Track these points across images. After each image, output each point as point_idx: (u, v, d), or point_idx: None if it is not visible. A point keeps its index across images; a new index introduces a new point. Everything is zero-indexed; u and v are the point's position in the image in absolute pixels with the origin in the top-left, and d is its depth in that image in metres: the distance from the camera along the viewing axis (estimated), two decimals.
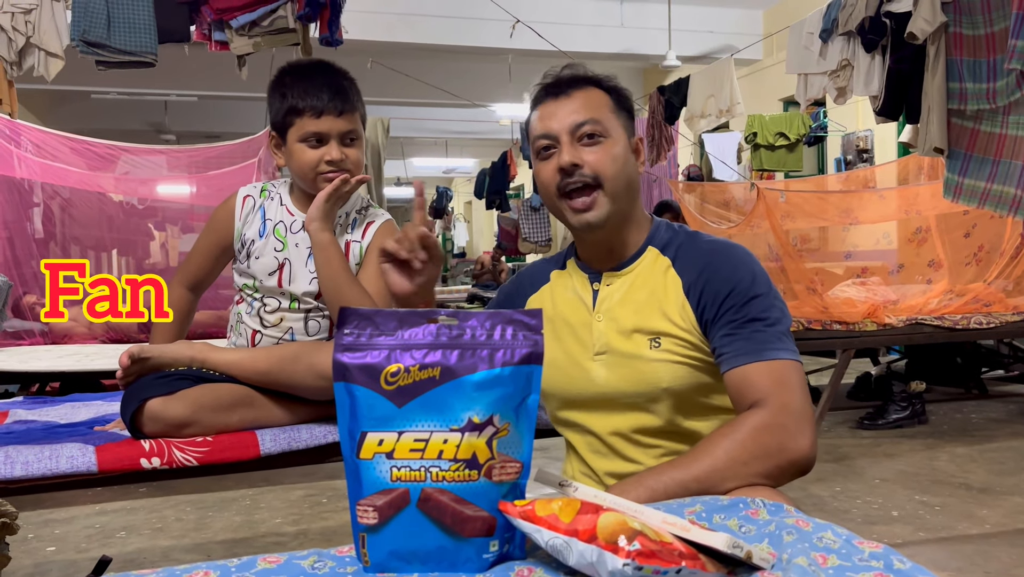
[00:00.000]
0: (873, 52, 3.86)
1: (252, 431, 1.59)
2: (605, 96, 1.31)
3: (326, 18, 3.54)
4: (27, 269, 4.85)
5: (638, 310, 1.27)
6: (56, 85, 4.82)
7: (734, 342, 1.19)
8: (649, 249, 1.32)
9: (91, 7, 3.39)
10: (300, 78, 1.66)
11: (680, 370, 1.24)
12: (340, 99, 1.64)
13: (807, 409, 1.15)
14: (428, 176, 17.54)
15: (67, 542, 2.80)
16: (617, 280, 1.32)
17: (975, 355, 5.17)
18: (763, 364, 1.17)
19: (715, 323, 1.22)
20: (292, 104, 1.64)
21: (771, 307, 1.22)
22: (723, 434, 1.13)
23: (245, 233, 1.74)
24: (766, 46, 7.94)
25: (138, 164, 5.59)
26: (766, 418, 1.12)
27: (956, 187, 3.25)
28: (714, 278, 1.23)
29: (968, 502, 3.00)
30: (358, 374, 0.86)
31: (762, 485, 1.09)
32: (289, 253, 1.71)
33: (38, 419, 1.96)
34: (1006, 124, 3.06)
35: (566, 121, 1.27)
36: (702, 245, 1.30)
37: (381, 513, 0.83)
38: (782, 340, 1.20)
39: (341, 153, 1.64)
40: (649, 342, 1.25)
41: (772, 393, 1.14)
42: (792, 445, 1.11)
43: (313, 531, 2.87)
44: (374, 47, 7.19)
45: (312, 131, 1.63)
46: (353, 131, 1.67)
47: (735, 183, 6.84)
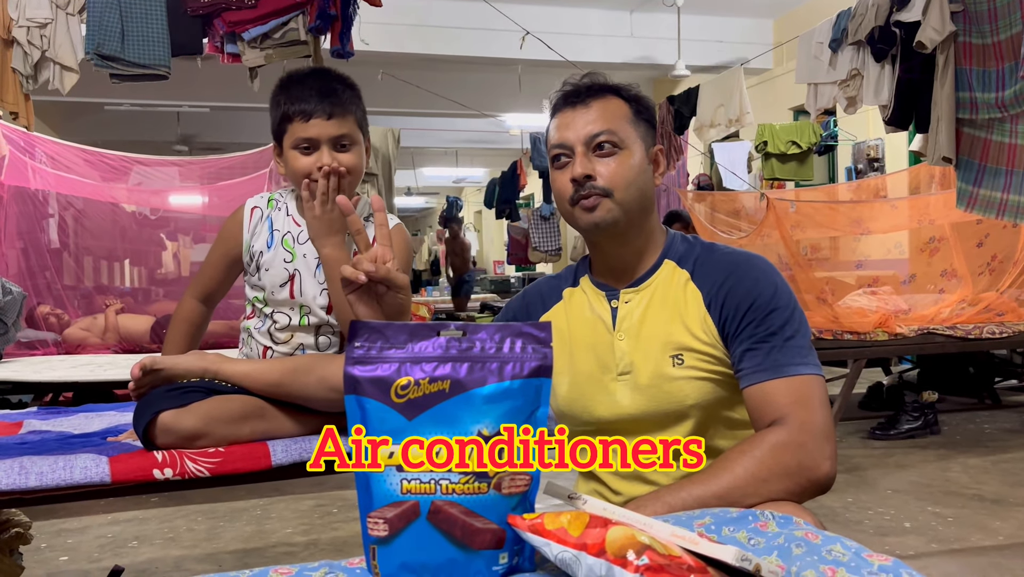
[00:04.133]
0: (883, 62, 3.86)
1: (263, 442, 1.60)
2: (624, 106, 1.28)
3: (337, 30, 3.57)
4: (41, 280, 4.90)
5: (661, 327, 1.25)
6: (70, 97, 4.87)
7: (754, 357, 1.18)
8: (666, 263, 1.30)
9: (105, 21, 3.43)
10: (294, 84, 1.62)
11: (705, 386, 1.22)
12: (329, 102, 1.58)
13: (828, 427, 1.13)
14: (439, 186, 17.60)
15: (79, 552, 2.81)
16: (636, 296, 1.29)
17: (988, 365, 5.14)
18: (783, 381, 1.15)
19: (736, 337, 1.20)
20: (284, 111, 1.60)
21: (792, 319, 1.20)
22: (742, 451, 1.12)
23: (253, 245, 1.74)
24: (776, 55, 7.94)
25: (150, 175, 5.64)
26: (786, 436, 1.11)
27: (971, 197, 3.24)
28: (735, 290, 1.22)
29: (981, 513, 2.98)
30: (369, 387, 0.87)
31: (785, 501, 1.08)
32: (298, 264, 1.69)
33: (52, 429, 1.98)
34: (1015, 134, 3.05)
35: (581, 132, 1.25)
36: (721, 257, 1.27)
37: (392, 525, 0.84)
38: (803, 354, 1.18)
39: (333, 159, 1.59)
40: (672, 360, 1.23)
41: (792, 411, 1.13)
42: (811, 464, 1.10)
43: (324, 541, 2.87)
44: (384, 58, 7.23)
45: (302, 136, 1.59)
46: (346, 135, 1.61)
47: (745, 192, 6.83)
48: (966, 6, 3.14)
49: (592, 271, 1.36)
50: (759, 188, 7.02)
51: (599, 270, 1.34)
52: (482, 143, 12.52)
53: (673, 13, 7.37)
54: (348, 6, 3.54)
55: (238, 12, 3.49)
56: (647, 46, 7.96)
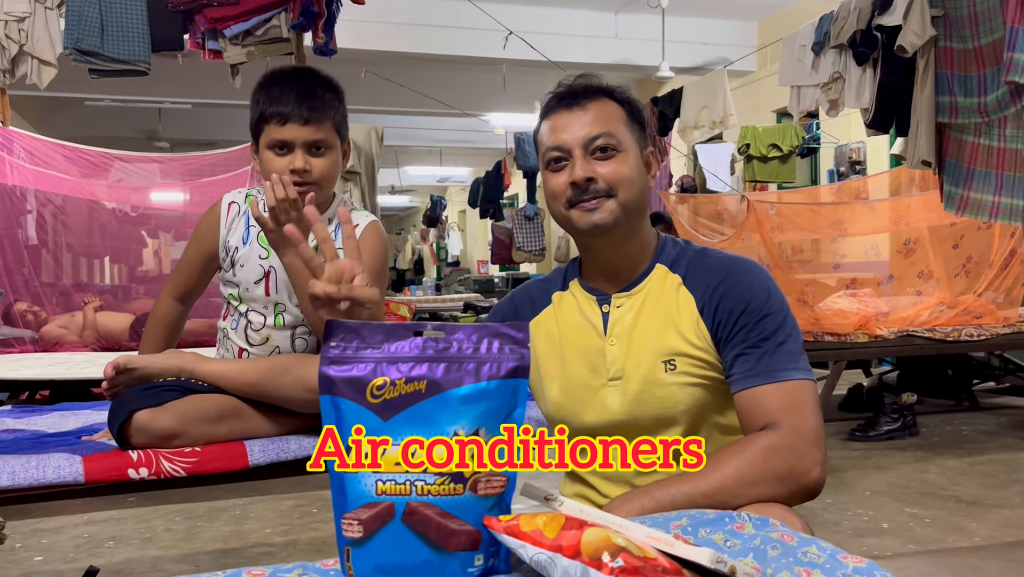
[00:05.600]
0: (864, 65, 3.89)
1: (240, 442, 1.59)
2: (619, 108, 1.27)
3: (320, 28, 3.54)
4: (18, 277, 4.85)
5: (653, 332, 1.24)
6: (50, 92, 4.82)
7: (746, 362, 1.17)
8: (657, 267, 1.28)
9: (84, 15, 3.39)
10: (275, 83, 1.61)
11: (697, 392, 1.22)
12: (307, 107, 1.57)
13: (819, 433, 1.14)
14: (423, 185, 17.56)
15: (55, 552, 2.78)
16: (628, 301, 1.27)
17: (966, 367, 5.19)
18: (775, 386, 1.15)
19: (728, 341, 1.20)
20: (262, 110, 1.60)
21: (784, 324, 1.20)
22: (734, 452, 1.12)
23: (229, 240, 1.72)
24: (760, 58, 7.98)
25: (131, 172, 5.60)
26: (778, 440, 1.11)
27: (961, 200, 3.24)
28: (729, 295, 1.21)
29: (958, 515, 3.00)
30: (344, 387, 0.86)
31: (773, 504, 1.08)
32: (273, 261, 1.68)
33: (26, 428, 1.96)
34: (1003, 138, 3.07)
35: (580, 134, 1.23)
36: (714, 261, 1.27)
37: (366, 527, 0.83)
38: (795, 359, 1.18)
39: (306, 163, 1.59)
40: (664, 365, 1.22)
41: (784, 416, 1.13)
42: (802, 469, 1.11)
43: (303, 541, 2.86)
44: (368, 56, 7.20)
45: (277, 138, 1.59)
46: (322, 140, 1.60)
47: (727, 195, 6.86)
48: (947, 11, 3.16)
49: (582, 275, 1.34)
50: (742, 190, 7.05)
51: (590, 274, 1.33)
52: (466, 142, 12.50)
53: (657, 14, 7.39)
54: (331, 3, 3.52)
55: (220, 8, 3.46)
56: (631, 47, 7.98)
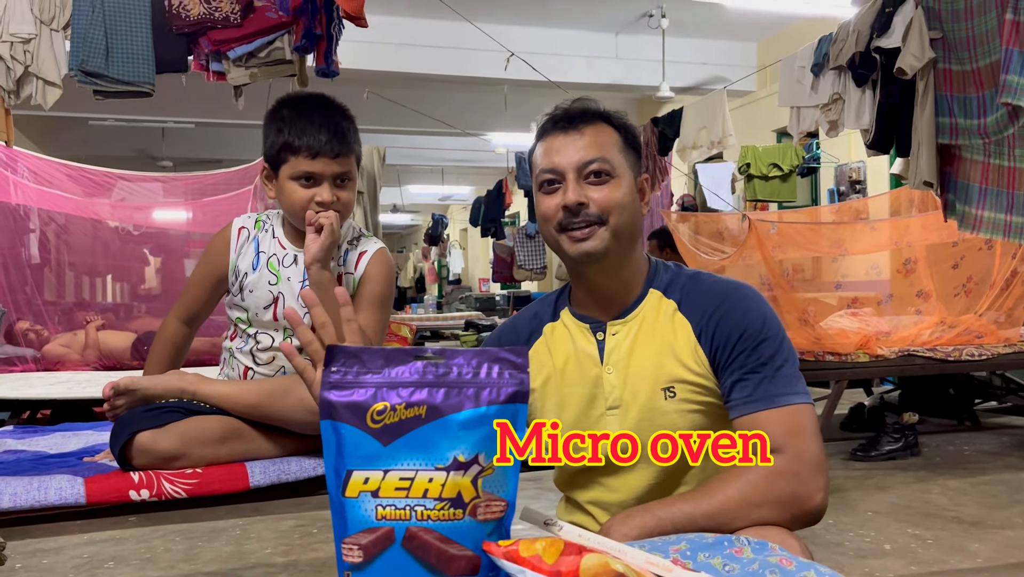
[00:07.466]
0: (863, 86, 3.90)
1: (242, 463, 1.59)
2: (615, 134, 1.26)
3: (322, 50, 3.57)
4: (21, 296, 4.85)
5: (651, 359, 1.23)
6: (54, 112, 4.85)
7: (745, 388, 1.17)
8: (651, 292, 1.27)
9: (90, 37, 3.42)
10: (299, 114, 1.62)
11: (696, 418, 1.21)
12: (337, 141, 1.60)
13: (821, 459, 1.14)
14: (424, 203, 17.62)
15: (55, 573, 2.77)
16: (623, 328, 1.26)
17: (968, 387, 5.18)
18: (775, 411, 1.15)
19: (726, 367, 1.19)
20: (288, 141, 1.61)
21: (781, 348, 1.19)
22: (737, 474, 1.11)
23: (239, 265, 1.73)
24: (760, 78, 8.02)
25: (134, 191, 5.62)
26: (782, 464, 1.11)
27: (975, 220, 3.24)
28: (726, 319, 1.20)
29: (960, 536, 2.99)
30: (344, 412, 0.87)
31: (773, 527, 1.08)
32: (282, 287, 1.70)
33: (28, 449, 1.96)
34: (1013, 157, 3.08)
35: (574, 158, 1.22)
36: (709, 286, 1.26)
37: (366, 552, 0.83)
38: (793, 383, 1.18)
39: (332, 195, 1.62)
40: (664, 393, 1.21)
41: (787, 441, 1.13)
42: (805, 494, 1.11)
43: (303, 562, 2.85)
44: (370, 76, 7.25)
45: (305, 171, 1.61)
46: (347, 173, 1.64)
47: (728, 214, 6.88)
48: (945, 33, 3.18)
49: (572, 303, 1.32)
50: (742, 209, 7.06)
51: (581, 301, 1.31)
52: (468, 161, 12.56)
53: (658, 35, 7.44)
54: (332, 25, 3.55)
55: (224, 31, 3.49)
56: (632, 68, 8.03)
